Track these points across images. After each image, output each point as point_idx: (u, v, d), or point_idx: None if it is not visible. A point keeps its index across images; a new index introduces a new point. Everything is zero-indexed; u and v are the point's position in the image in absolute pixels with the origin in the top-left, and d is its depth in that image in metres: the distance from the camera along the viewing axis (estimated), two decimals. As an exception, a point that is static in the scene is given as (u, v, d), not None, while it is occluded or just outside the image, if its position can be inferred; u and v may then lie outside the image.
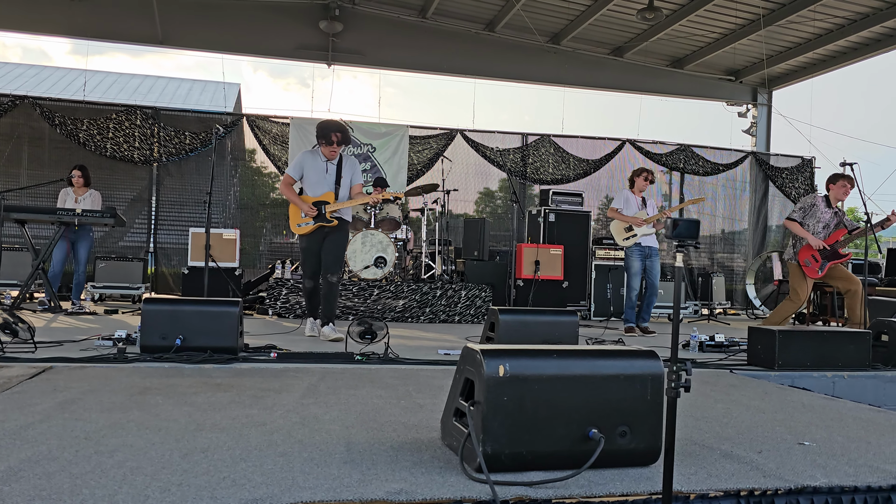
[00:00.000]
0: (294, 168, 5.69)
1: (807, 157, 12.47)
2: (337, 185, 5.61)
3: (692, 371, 1.89)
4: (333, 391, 3.35)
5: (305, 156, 5.70)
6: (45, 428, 2.42)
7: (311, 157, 5.65)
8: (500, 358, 2.13)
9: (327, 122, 5.77)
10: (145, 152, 9.95)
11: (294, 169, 5.68)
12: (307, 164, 5.62)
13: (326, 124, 5.64)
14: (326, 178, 5.60)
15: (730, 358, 5.13)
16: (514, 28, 11.94)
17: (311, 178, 5.60)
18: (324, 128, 5.57)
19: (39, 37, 13.62)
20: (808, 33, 11.28)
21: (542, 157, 11.28)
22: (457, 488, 1.92)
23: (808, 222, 6.57)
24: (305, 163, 5.63)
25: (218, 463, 2.07)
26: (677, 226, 2.05)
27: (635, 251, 7.08)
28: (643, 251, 7.10)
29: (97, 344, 4.58)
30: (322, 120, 5.76)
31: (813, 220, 6.55)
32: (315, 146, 5.74)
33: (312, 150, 5.74)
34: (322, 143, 5.55)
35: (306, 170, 5.61)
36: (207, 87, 24.14)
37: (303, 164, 5.64)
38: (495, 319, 4.68)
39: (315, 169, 5.60)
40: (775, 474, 2.19)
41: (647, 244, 7.12)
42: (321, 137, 5.54)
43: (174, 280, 9.80)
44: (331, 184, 5.60)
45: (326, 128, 5.56)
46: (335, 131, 5.52)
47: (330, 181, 5.61)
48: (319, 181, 5.59)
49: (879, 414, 3.38)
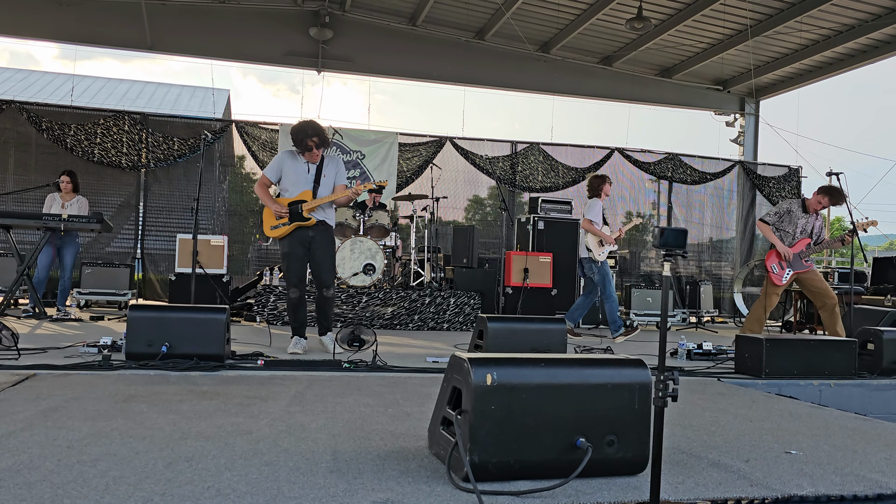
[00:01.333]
0: (272, 169, 5.25)
1: (793, 167, 12.57)
2: (316, 183, 5.18)
3: (679, 380, 1.89)
4: (320, 399, 3.33)
5: (285, 156, 5.26)
6: (27, 436, 2.39)
7: (291, 158, 5.22)
8: (487, 366, 2.12)
9: (300, 127, 5.13)
10: (133, 158, 9.89)
11: (272, 170, 5.25)
12: (286, 165, 5.20)
13: (300, 129, 5.10)
14: (307, 178, 5.19)
15: (717, 366, 5.14)
16: (503, 36, 11.99)
17: (289, 179, 5.19)
18: (297, 134, 5.09)
19: (27, 41, 13.56)
20: (795, 44, 11.39)
21: (532, 165, 11.31)
22: (444, 497, 1.91)
23: (784, 227, 6.60)
24: (285, 164, 5.21)
25: (202, 472, 2.05)
26: (665, 234, 2.05)
27: (607, 262, 7.49)
28: (606, 262, 7.53)
29: (82, 351, 4.53)
30: (294, 125, 5.17)
31: (790, 227, 6.59)
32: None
33: (293, 151, 5.25)
34: (299, 151, 5.17)
35: (285, 171, 5.20)
36: (196, 92, 24.08)
37: (282, 166, 5.21)
38: (484, 327, 4.67)
39: (295, 170, 5.18)
40: (762, 483, 2.19)
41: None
42: (297, 145, 5.13)
43: (161, 286, 9.74)
44: (309, 183, 5.18)
45: (301, 133, 5.08)
46: (310, 136, 5.06)
47: (309, 181, 5.18)
48: (298, 181, 5.17)
49: (866, 422, 3.39)
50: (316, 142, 5.09)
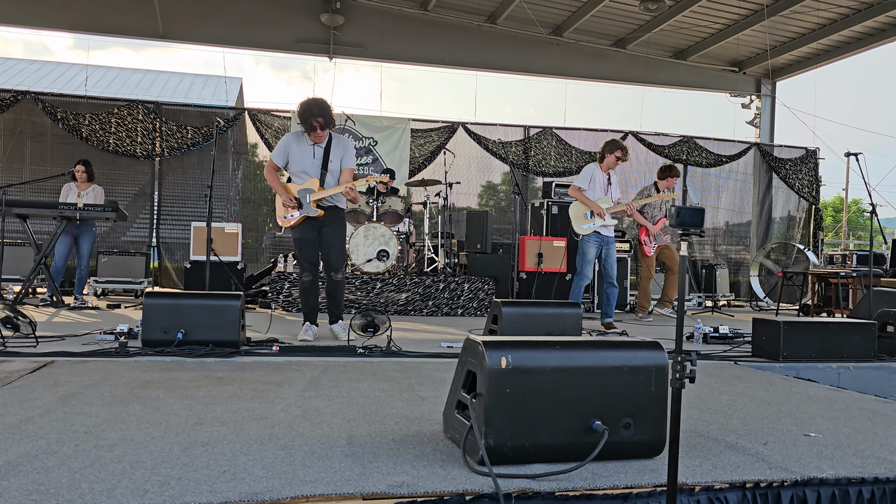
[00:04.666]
0: (279, 153, 5.14)
1: (811, 148, 12.41)
2: (323, 169, 5.07)
3: (697, 362, 1.86)
4: (335, 384, 3.34)
5: (290, 139, 5.13)
6: (45, 422, 2.41)
7: (297, 141, 5.10)
8: (502, 350, 2.11)
9: (305, 105, 4.96)
10: (147, 147, 9.93)
11: (278, 154, 5.14)
12: (293, 148, 5.09)
13: (305, 108, 4.94)
14: (313, 163, 5.07)
15: (734, 350, 5.10)
16: (515, 20, 11.89)
17: (296, 163, 5.08)
18: (302, 113, 4.93)
19: (41, 31, 13.61)
20: (812, 23, 11.21)
21: (545, 150, 11.24)
22: (459, 481, 1.90)
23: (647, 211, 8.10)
24: (291, 146, 5.09)
25: (218, 456, 2.06)
26: (681, 214, 2.02)
27: (593, 238, 6.53)
28: (601, 240, 6.57)
29: (99, 338, 4.57)
30: (300, 103, 5.00)
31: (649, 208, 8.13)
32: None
33: (299, 133, 5.13)
34: (304, 131, 5.03)
35: (292, 154, 5.09)
36: (209, 81, 24.13)
37: (288, 149, 5.10)
38: (498, 312, 4.65)
39: (301, 153, 5.07)
40: (781, 466, 2.17)
41: (605, 233, 6.60)
42: (303, 124, 4.98)
43: (177, 274, 9.80)
44: (316, 169, 5.07)
45: (306, 112, 4.92)
46: (315, 116, 4.90)
47: (316, 166, 5.06)
48: (305, 167, 5.07)
49: (886, 405, 3.35)
50: (321, 122, 4.93)
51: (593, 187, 6.59)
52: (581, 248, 6.60)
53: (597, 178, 6.61)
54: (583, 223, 6.56)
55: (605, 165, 6.65)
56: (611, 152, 6.60)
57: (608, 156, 6.61)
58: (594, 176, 6.60)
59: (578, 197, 6.59)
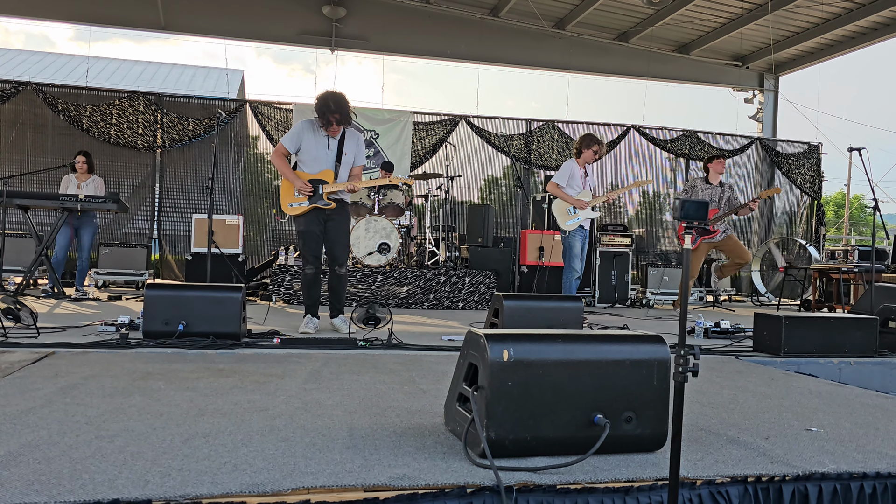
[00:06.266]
0: (291, 138, 5.03)
1: (813, 143, 12.38)
2: (337, 162, 5.05)
3: (699, 356, 1.86)
4: (336, 376, 3.33)
5: (306, 126, 5.04)
6: (46, 413, 2.41)
7: (312, 129, 5.02)
8: (504, 342, 2.10)
9: (324, 100, 4.91)
10: (149, 139, 9.93)
11: (291, 139, 5.03)
12: (307, 136, 5.00)
13: (323, 103, 4.89)
14: (327, 153, 5.03)
15: (735, 344, 5.10)
16: (518, 13, 11.86)
17: (309, 152, 5.02)
18: (321, 107, 4.90)
19: (42, 22, 13.58)
20: (816, 18, 11.17)
21: (547, 143, 11.22)
22: (460, 474, 1.90)
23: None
24: (305, 134, 5.00)
25: (219, 448, 2.05)
26: (685, 206, 2.01)
27: (578, 233, 6.70)
28: (584, 233, 6.75)
29: (100, 329, 4.57)
30: (319, 95, 4.96)
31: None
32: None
33: (314, 122, 5.04)
34: (321, 124, 4.98)
35: (305, 142, 5.00)
36: (211, 73, 24.09)
37: (301, 136, 5.00)
38: (499, 305, 4.65)
39: (315, 143, 5.01)
40: (783, 460, 2.16)
41: (587, 227, 6.75)
42: (320, 118, 4.95)
43: (178, 266, 9.81)
44: (331, 161, 5.04)
45: (324, 107, 4.88)
46: (333, 112, 4.86)
47: (330, 158, 5.04)
48: (318, 157, 5.02)
49: (887, 400, 3.35)
50: (337, 118, 4.90)
51: (572, 183, 6.72)
52: (567, 244, 6.71)
53: (575, 174, 6.73)
54: (567, 219, 6.68)
55: (582, 160, 6.78)
56: (588, 147, 6.72)
57: (585, 151, 6.73)
58: (572, 172, 6.73)
59: (557, 193, 6.73)
